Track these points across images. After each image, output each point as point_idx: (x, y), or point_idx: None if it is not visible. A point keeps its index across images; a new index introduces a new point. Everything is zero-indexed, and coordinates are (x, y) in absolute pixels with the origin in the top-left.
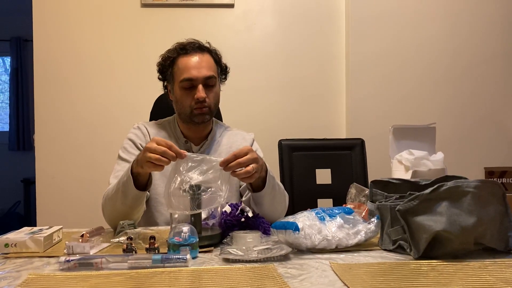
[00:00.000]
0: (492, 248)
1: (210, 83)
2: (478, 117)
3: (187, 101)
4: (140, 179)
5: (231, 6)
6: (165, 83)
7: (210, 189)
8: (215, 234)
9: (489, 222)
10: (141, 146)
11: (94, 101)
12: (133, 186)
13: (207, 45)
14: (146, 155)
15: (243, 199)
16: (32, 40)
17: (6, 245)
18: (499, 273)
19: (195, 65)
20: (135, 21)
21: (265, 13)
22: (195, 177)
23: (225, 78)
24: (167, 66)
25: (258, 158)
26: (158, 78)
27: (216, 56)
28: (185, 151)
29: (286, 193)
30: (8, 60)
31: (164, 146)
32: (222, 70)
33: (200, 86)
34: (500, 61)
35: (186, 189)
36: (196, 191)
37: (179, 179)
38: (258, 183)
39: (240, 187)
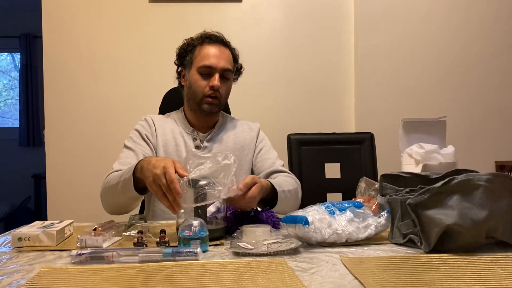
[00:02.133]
0: (504, 242)
1: (226, 76)
2: (488, 111)
3: (201, 87)
4: (140, 183)
5: (239, 0)
6: (179, 69)
7: (208, 184)
8: (218, 228)
9: (501, 216)
10: (147, 137)
11: (103, 96)
12: (132, 188)
13: (229, 42)
14: (152, 183)
15: None
16: (41, 37)
17: (20, 239)
18: (511, 267)
19: (217, 54)
20: (144, 17)
21: (273, 7)
22: (194, 172)
23: (237, 78)
24: (188, 51)
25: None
26: (174, 63)
27: (235, 54)
28: (183, 176)
29: (298, 184)
30: (17, 56)
31: (167, 181)
32: (237, 69)
33: (217, 75)
34: (510, 54)
35: (185, 184)
36: (192, 185)
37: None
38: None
39: (251, 170)
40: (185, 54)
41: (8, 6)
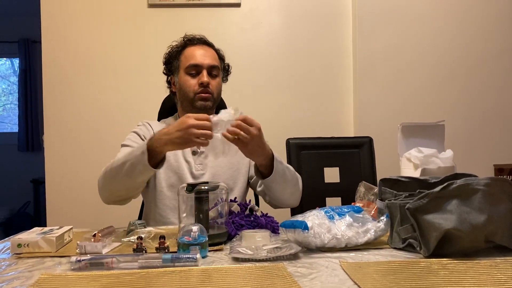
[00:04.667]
0: (503, 246)
1: (213, 73)
2: (487, 114)
3: (191, 86)
4: (153, 158)
5: (237, 5)
6: (169, 78)
7: (210, 188)
8: (220, 233)
9: (500, 220)
10: (145, 138)
11: (102, 101)
12: (146, 162)
13: (212, 43)
14: (190, 131)
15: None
16: (40, 42)
17: (19, 245)
18: (510, 271)
19: (201, 53)
20: (142, 22)
21: (271, 12)
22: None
23: (226, 78)
24: (173, 57)
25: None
26: (163, 73)
27: (220, 54)
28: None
29: (298, 175)
30: (16, 61)
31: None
32: (225, 69)
33: (205, 72)
34: (508, 57)
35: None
36: (192, 190)
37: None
38: (264, 169)
39: (249, 173)
40: (171, 61)
41: (7, 11)
